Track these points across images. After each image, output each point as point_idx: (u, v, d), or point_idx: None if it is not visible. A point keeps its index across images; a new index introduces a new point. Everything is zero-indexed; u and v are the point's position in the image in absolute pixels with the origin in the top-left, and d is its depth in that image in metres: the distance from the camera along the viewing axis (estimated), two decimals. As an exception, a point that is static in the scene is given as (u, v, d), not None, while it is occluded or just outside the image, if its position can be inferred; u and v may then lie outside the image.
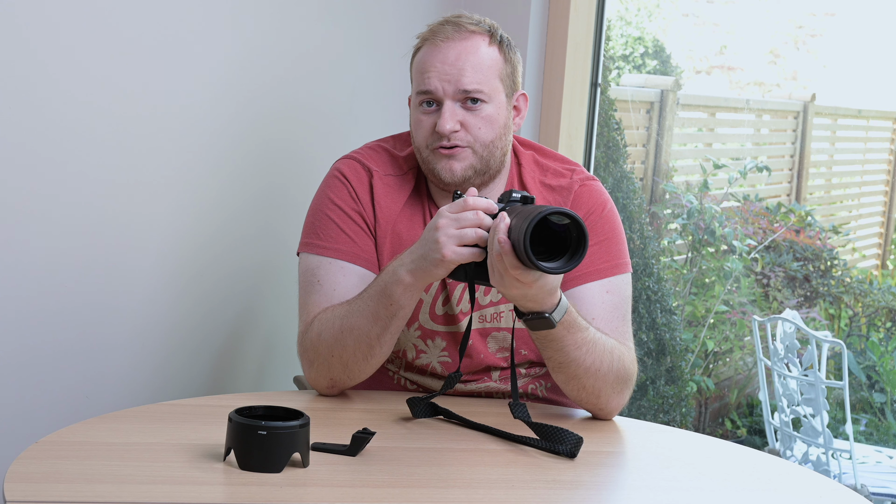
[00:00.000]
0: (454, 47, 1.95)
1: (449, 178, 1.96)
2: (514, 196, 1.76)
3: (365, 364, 1.89)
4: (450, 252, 1.74)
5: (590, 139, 3.17)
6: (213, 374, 2.58)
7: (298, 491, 1.49)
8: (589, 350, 1.84)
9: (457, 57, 1.94)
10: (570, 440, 1.73)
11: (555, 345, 1.82)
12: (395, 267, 1.83)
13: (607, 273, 1.98)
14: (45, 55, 2.12)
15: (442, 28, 1.97)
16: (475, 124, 1.95)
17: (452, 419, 1.84)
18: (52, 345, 2.22)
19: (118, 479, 1.47)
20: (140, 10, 2.27)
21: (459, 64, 1.94)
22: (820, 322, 5.17)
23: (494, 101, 1.96)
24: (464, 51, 1.95)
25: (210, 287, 2.53)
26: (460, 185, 1.97)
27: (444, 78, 1.94)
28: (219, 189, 2.52)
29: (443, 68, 1.94)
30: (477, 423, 1.81)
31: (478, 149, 1.96)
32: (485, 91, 1.95)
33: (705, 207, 5.08)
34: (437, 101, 1.95)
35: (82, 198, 2.23)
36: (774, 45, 5.85)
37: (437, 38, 1.96)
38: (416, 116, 1.98)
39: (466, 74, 1.93)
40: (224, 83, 2.49)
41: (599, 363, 1.86)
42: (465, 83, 1.93)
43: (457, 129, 1.94)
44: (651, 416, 4.51)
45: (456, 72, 1.93)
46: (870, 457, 4.09)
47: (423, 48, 1.99)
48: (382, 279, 1.85)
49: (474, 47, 1.96)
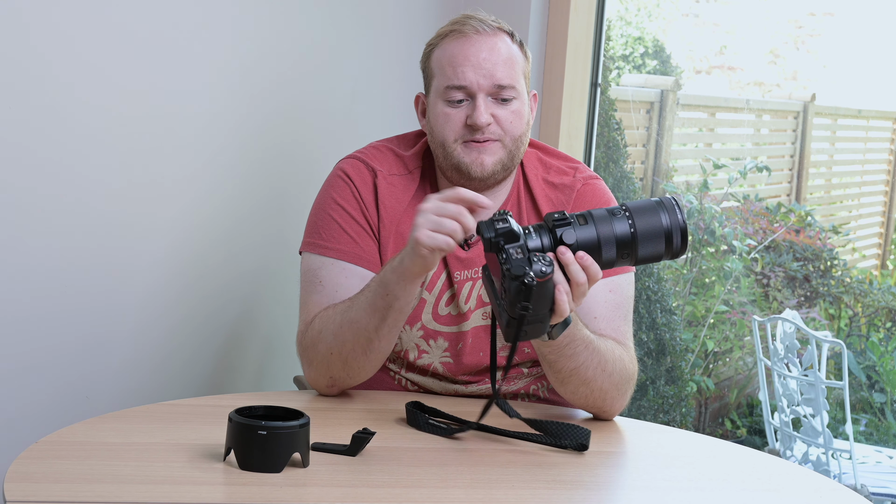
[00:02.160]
0: (486, 41, 1.96)
1: (479, 172, 1.96)
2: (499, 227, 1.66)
3: (364, 360, 1.88)
4: (423, 235, 1.71)
5: (590, 139, 3.17)
6: (213, 374, 2.58)
7: (298, 491, 1.49)
8: (590, 355, 1.84)
9: (490, 51, 1.95)
10: (578, 434, 1.73)
11: (565, 350, 1.82)
12: (394, 257, 1.83)
13: (610, 272, 1.98)
14: (48, 56, 2.12)
15: (468, 22, 1.98)
16: (507, 118, 1.96)
17: (470, 428, 1.79)
18: (52, 345, 2.22)
19: (118, 479, 1.47)
20: (142, 11, 2.27)
21: (493, 59, 1.95)
22: (820, 322, 5.17)
23: (521, 98, 1.98)
24: (494, 46, 1.96)
25: (210, 287, 2.53)
26: (489, 179, 1.97)
27: (479, 72, 1.94)
28: (219, 190, 2.52)
29: (477, 62, 1.94)
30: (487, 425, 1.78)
31: (507, 143, 1.96)
32: (515, 87, 1.96)
33: (705, 207, 5.08)
34: (471, 94, 1.95)
35: (82, 199, 2.23)
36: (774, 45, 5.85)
37: (466, 31, 1.97)
38: (443, 111, 1.97)
39: (500, 69, 1.94)
40: (225, 84, 2.49)
41: (601, 368, 1.86)
42: (499, 78, 1.94)
43: (491, 121, 1.95)
44: (651, 416, 4.51)
45: (490, 66, 1.94)
46: (870, 457, 4.09)
47: (448, 42, 1.98)
48: (382, 270, 1.85)
49: (503, 43, 1.97)
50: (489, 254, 1.65)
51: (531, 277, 1.57)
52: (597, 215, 1.67)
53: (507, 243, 1.60)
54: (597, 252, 1.65)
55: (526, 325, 1.61)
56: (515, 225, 1.62)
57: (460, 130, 1.96)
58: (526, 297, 1.58)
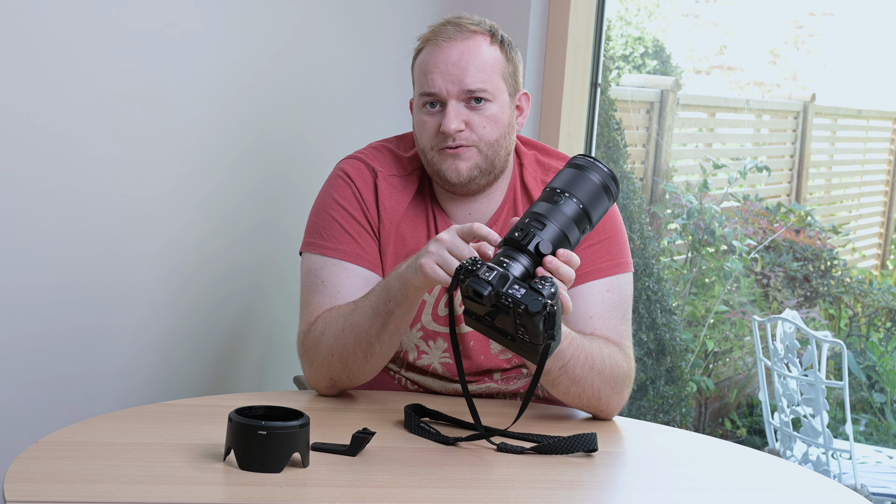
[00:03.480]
0: (456, 47, 1.95)
1: (455, 179, 1.95)
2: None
3: (365, 363, 1.89)
4: (428, 266, 1.72)
5: (590, 139, 3.17)
6: (213, 374, 2.58)
7: (298, 491, 1.49)
8: (576, 352, 1.84)
9: (459, 57, 1.94)
10: (585, 442, 1.72)
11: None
12: (401, 263, 1.83)
13: (608, 272, 1.98)
14: (46, 50, 2.12)
15: (443, 29, 1.97)
16: (480, 123, 1.94)
17: (479, 436, 1.78)
18: (52, 345, 2.22)
19: (118, 479, 1.47)
20: (142, 6, 2.27)
21: (462, 63, 1.93)
22: (820, 322, 5.17)
23: (498, 101, 1.96)
24: (466, 50, 1.94)
25: (211, 287, 2.53)
26: (466, 186, 1.97)
27: (448, 78, 1.93)
28: (220, 189, 2.52)
29: (446, 68, 1.93)
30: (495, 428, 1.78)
31: (483, 148, 1.95)
32: (488, 90, 1.94)
33: (705, 207, 5.08)
34: (441, 101, 1.95)
35: (82, 200, 2.23)
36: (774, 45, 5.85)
37: (438, 39, 1.96)
38: (420, 118, 1.98)
39: (470, 74, 1.93)
40: (225, 82, 2.49)
41: (590, 366, 1.85)
42: (468, 83, 1.93)
43: (462, 128, 1.93)
44: (651, 416, 4.51)
45: (459, 71, 1.93)
46: (870, 457, 4.09)
47: (424, 49, 1.98)
48: (387, 276, 1.85)
49: (476, 47, 1.95)
50: (469, 301, 1.63)
51: (550, 305, 1.58)
52: (545, 211, 1.67)
53: (502, 287, 1.60)
54: (566, 243, 1.68)
55: (554, 341, 1.62)
56: (496, 267, 1.61)
57: (434, 138, 1.95)
58: (552, 325, 1.59)
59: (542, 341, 1.60)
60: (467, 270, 1.61)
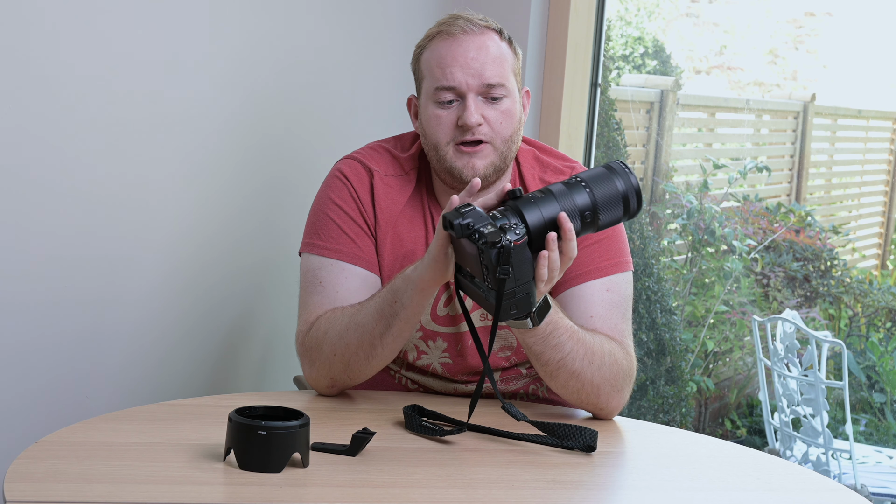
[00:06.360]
0: (473, 41, 1.94)
1: (471, 176, 1.94)
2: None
3: (366, 364, 1.89)
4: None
5: (590, 139, 3.17)
6: (213, 374, 2.58)
7: (298, 491, 1.49)
8: (576, 345, 1.84)
9: (478, 50, 1.93)
10: (585, 436, 1.73)
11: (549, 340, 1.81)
12: (409, 266, 1.84)
13: (608, 271, 1.97)
14: (47, 51, 2.12)
15: (455, 22, 1.96)
16: (496, 118, 1.94)
17: (478, 432, 1.80)
18: (52, 345, 2.22)
19: (118, 479, 1.47)
20: (143, 9, 2.27)
21: (481, 58, 1.93)
22: (820, 322, 5.17)
23: (511, 96, 1.96)
24: (482, 44, 1.94)
25: (211, 287, 2.53)
26: (482, 182, 1.95)
27: (468, 72, 1.92)
28: (219, 190, 2.52)
29: (465, 62, 1.93)
30: (493, 428, 1.79)
31: (498, 144, 1.95)
32: (505, 85, 1.94)
33: (705, 207, 5.08)
34: (460, 95, 1.94)
35: (82, 200, 2.23)
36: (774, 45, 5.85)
37: (454, 31, 1.95)
38: (434, 113, 1.96)
39: (488, 68, 1.93)
40: (226, 82, 2.49)
41: (589, 360, 1.85)
42: (488, 76, 1.93)
43: (481, 122, 1.93)
44: (651, 416, 4.51)
45: (479, 65, 1.93)
46: (870, 457, 4.09)
47: (436, 43, 1.96)
48: (393, 278, 1.86)
49: (490, 41, 1.95)
50: (459, 246, 1.67)
51: (508, 241, 1.60)
52: (556, 190, 1.70)
53: (475, 224, 1.63)
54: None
55: (514, 297, 1.63)
56: (481, 212, 1.65)
57: (452, 132, 1.95)
58: (506, 261, 1.60)
59: (497, 275, 1.61)
60: (454, 209, 1.66)
